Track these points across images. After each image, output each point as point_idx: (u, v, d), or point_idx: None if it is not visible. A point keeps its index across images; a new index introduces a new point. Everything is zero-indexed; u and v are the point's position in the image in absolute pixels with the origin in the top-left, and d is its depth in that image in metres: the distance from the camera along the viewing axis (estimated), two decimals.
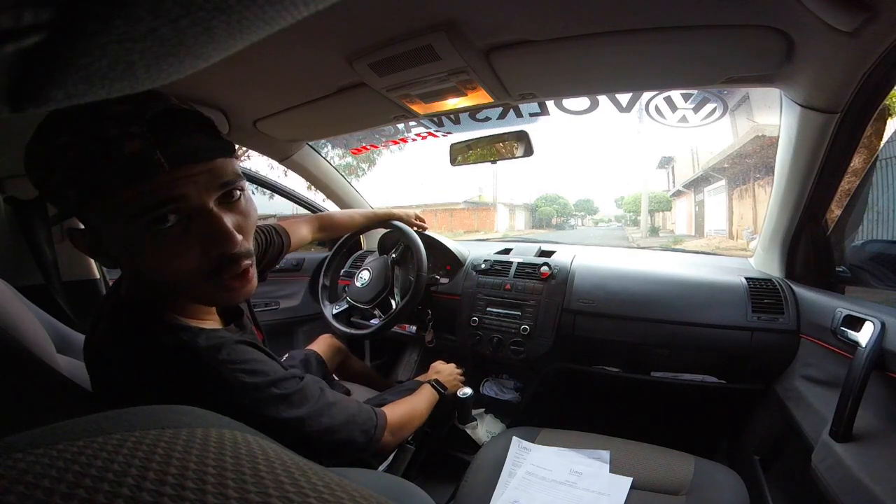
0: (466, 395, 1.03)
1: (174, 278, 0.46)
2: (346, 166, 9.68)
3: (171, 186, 0.41)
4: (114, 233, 0.43)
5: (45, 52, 0.12)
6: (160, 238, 0.43)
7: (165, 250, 0.43)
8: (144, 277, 0.50)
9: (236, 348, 0.51)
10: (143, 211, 0.41)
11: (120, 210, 0.41)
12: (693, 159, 18.35)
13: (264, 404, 0.51)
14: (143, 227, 0.42)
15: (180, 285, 0.47)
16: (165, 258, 0.44)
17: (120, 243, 0.44)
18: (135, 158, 0.39)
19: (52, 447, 0.17)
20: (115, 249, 0.45)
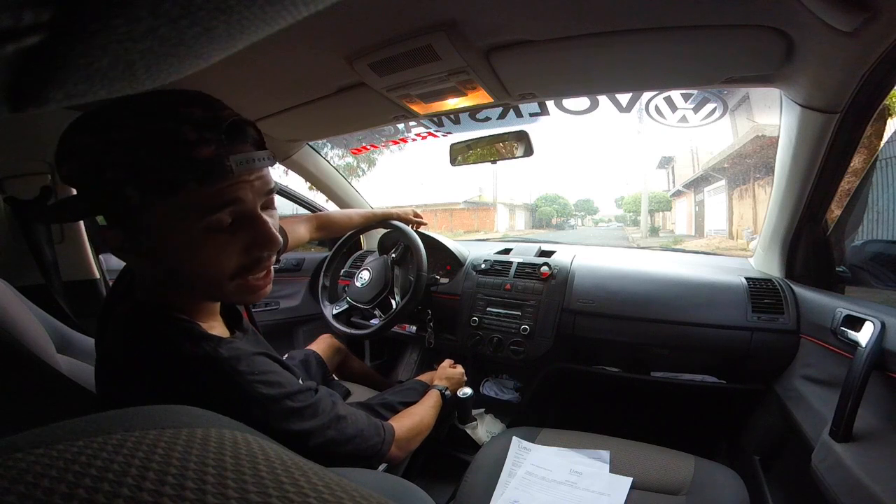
0: (466, 395, 1.03)
1: (212, 278, 0.47)
2: (346, 166, 9.69)
3: (234, 190, 0.45)
4: (169, 232, 0.44)
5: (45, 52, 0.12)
6: (214, 237, 0.45)
7: (216, 249, 0.46)
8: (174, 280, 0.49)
9: (255, 359, 0.52)
10: (209, 210, 0.43)
11: (186, 209, 0.43)
12: (693, 159, 18.35)
13: (277, 416, 0.51)
14: (203, 227, 0.44)
15: (213, 285, 0.48)
16: (214, 256, 0.46)
17: (171, 243, 0.45)
18: (209, 161, 0.42)
19: (52, 447, 0.17)
20: (160, 250, 0.45)
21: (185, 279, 0.48)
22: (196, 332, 0.50)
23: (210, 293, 0.51)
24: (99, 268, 1.23)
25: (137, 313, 0.51)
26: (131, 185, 0.40)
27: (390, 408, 0.83)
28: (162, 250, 0.45)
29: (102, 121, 0.40)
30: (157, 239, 0.45)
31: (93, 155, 0.40)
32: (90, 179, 0.41)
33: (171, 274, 0.48)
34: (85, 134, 0.40)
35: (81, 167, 0.41)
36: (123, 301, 0.54)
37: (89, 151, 0.40)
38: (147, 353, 0.48)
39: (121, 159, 0.39)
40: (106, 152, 0.39)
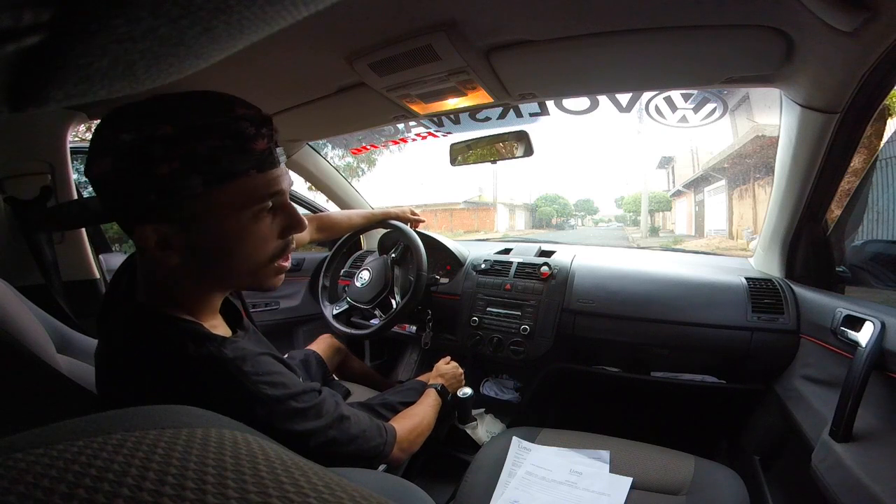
0: (466, 395, 1.03)
1: (256, 261, 0.51)
2: (346, 166, 9.69)
3: (278, 180, 0.50)
4: (223, 219, 0.47)
5: (45, 52, 0.12)
6: (260, 223, 0.50)
7: (261, 234, 0.50)
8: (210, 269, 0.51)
9: (260, 360, 0.52)
10: (260, 198, 0.48)
11: (242, 196, 0.47)
12: (693, 159, 18.34)
13: (281, 417, 0.52)
14: (253, 213, 0.48)
15: (255, 270, 0.52)
16: (260, 241, 0.50)
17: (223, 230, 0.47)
18: (264, 153, 0.47)
19: (52, 447, 0.17)
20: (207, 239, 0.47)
21: (230, 267, 0.50)
22: (200, 332, 0.51)
23: (248, 279, 0.53)
24: (99, 268, 1.23)
25: (140, 314, 0.51)
26: (195, 176, 0.43)
27: (391, 408, 0.83)
28: (213, 238, 0.48)
29: (145, 117, 0.42)
30: (210, 228, 0.47)
31: (140, 150, 0.41)
32: (138, 175, 0.42)
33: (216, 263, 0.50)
34: (126, 131, 0.41)
35: (127, 164, 0.41)
36: (124, 302, 0.54)
37: (135, 147, 0.41)
38: (150, 353, 0.49)
39: (176, 152, 0.41)
40: (156, 147, 0.41)
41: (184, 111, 0.42)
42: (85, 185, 2.31)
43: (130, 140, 0.41)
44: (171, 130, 0.41)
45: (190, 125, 0.42)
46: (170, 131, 0.41)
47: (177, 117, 0.42)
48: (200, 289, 0.53)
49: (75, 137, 1.18)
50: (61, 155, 1.09)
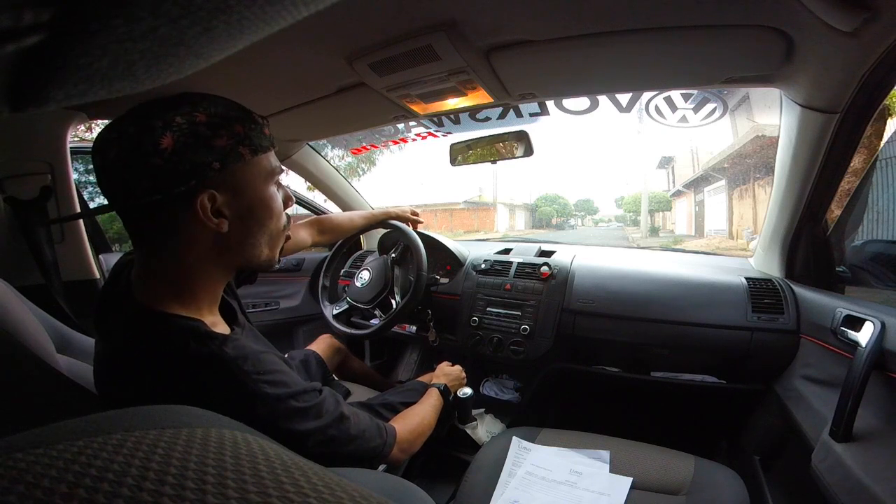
0: (466, 395, 1.03)
1: (280, 226, 0.60)
2: (346, 166, 9.69)
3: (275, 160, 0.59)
4: (259, 186, 0.55)
5: (45, 52, 0.12)
6: (276, 194, 0.58)
7: (278, 203, 0.59)
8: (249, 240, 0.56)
9: (261, 358, 0.53)
10: (274, 172, 0.57)
11: (265, 169, 0.56)
12: (693, 159, 18.32)
13: (282, 415, 0.52)
14: (274, 184, 0.58)
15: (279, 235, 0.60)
16: (278, 208, 0.59)
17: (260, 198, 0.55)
18: (270, 137, 0.57)
19: (52, 447, 0.17)
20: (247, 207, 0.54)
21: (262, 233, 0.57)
22: (201, 330, 0.51)
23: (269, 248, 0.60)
24: (99, 268, 1.23)
25: (140, 314, 0.51)
26: (242, 147, 0.51)
27: (391, 408, 0.83)
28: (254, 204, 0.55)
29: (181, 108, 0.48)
30: (253, 193, 0.54)
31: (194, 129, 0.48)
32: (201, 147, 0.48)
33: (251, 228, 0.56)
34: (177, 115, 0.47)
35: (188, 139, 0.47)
36: (123, 300, 0.54)
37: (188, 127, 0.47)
38: (152, 352, 0.49)
39: (223, 131, 0.50)
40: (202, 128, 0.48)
41: (205, 105, 0.50)
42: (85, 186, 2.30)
43: (183, 122, 0.47)
44: (204, 118, 0.48)
45: (220, 113, 0.50)
46: (204, 119, 0.48)
47: (203, 108, 0.49)
48: (210, 274, 0.55)
49: (75, 137, 1.18)
50: (61, 155, 1.09)
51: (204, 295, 0.55)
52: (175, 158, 0.46)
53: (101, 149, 0.47)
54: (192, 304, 0.53)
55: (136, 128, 0.46)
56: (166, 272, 0.52)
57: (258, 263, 0.59)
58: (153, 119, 0.46)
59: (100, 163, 0.47)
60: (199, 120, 0.48)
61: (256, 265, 0.59)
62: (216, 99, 0.51)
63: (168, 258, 0.52)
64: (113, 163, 0.46)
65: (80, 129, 1.21)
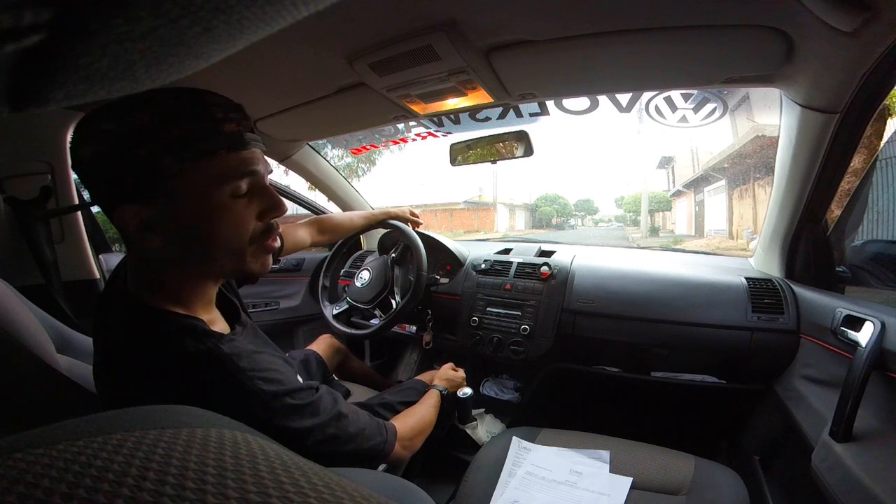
0: (466, 395, 1.03)
1: (237, 242, 0.52)
2: (346, 166, 9.69)
3: (251, 161, 0.51)
4: (202, 196, 0.48)
5: (45, 52, 0.12)
6: (236, 203, 0.51)
7: (238, 214, 0.51)
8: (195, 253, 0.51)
9: (256, 357, 0.53)
10: (233, 176, 0.49)
11: (216, 175, 0.48)
12: (693, 159, 18.32)
13: (278, 413, 0.52)
14: (228, 193, 0.50)
15: (237, 250, 0.53)
16: (238, 220, 0.51)
17: (203, 208, 0.49)
18: (233, 134, 0.49)
19: (52, 447, 0.17)
20: (189, 218, 0.49)
21: (212, 247, 0.51)
22: (199, 329, 0.51)
23: (230, 261, 0.53)
24: (99, 268, 1.23)
25: (137, 312, 0.51)
26: (168, 155, 0.45)
27: (390, 408, 0.83)
28: (192, 217, 0.49)
29: (124, 109, 0.44)
30: (189, 206, 0.48)
31: (119, 136, 0.44)
32: (118, 158, 0.45)
33: (197, 244, 0.50)
34: (106, 121, 0.44)
35: (101, 151, 0.44)
36: (121, 299, 0.54)
37: (115, 134, 0.44)
38: (149, 351, 0.49)
39: (153, 137, 0.45)
40: (134, 133, 0.44)
41: (159, 102, 0.45)
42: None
43: (112, 128, 0.44)
44: (147, 119, 0.44)
45: (164, 113, 0.45)
46: (147, 119, 0.44)
47: (152, 107, 0.45)
48: (187, 277, 0.53)
49: None
50: (61, 155, 1.09)
51: (194, 295, 0.54)
52: (91, 171, 0.45)
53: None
54: (185, 301, 0.53)
55: (76, 133, 0.46)
56: (150, 271, 0.52)
57: (231, 274, 0.56)
58: (84, 127, 0.45)
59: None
60: (135, 122, 0.44)
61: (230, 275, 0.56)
62: (174, 92, 0.47)
63: (143, 258, 0.52)
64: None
65: None
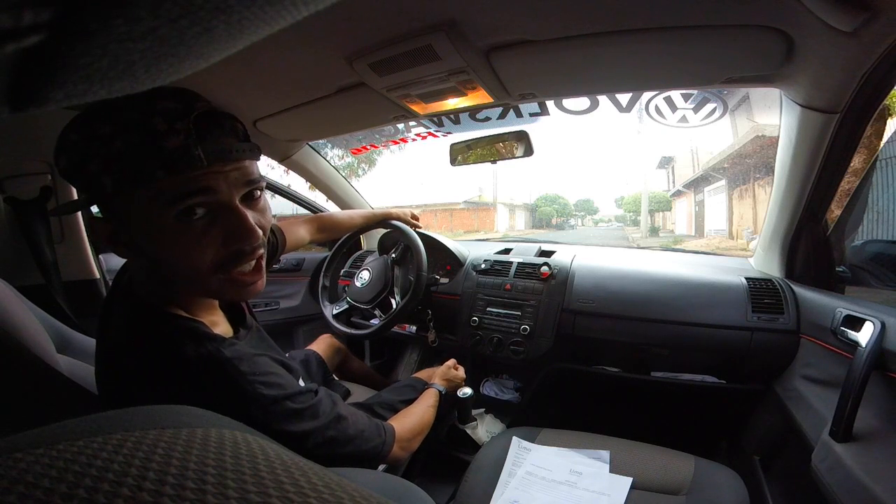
0: (466, 395, 1.03)
1: (190, 269, 0.47)
2: (346, 166, 9.68)
3: (206, 179, 0.44)
4: (144, 221, 0.44)
5: (45, 52, 0.12)
6: (188, 228, 0.45)
7: (191, 240, 0.45)
8: (160, 273, 0.50)
9: (257, 360, 0.53)
10: (178, 199, 0.43)
11: (156, 198, 0.43)
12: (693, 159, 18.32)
13: (277, 417, 0.52)
14: (174, 217, 0.44)
15: (194, 278, 0.48)
16: (190, 247, 0.46)
17: (147, 232, 0.45)
18: (177, 151, 0.42)
19: (52, 447, 0.17)
20: (139, 239, 0.46)
21: (165, 271, 0.49)
22: (200, 332, 0.51)
23: (192, 287, 0.50)
24: (99, 268, 1.23)
25: (140, 313, 0.51)
26: (106, 176, 0.41)
27: (390, 407, 0.83)
28: (141, 240, 0.46)
29: (88, 117, 0.42)
30: (135, 228, 0.45)
31: (77, 149, 0.42)
32: (76, 173, 0.43)
33: (155, 265, 0.49)
34: (73, 131, 0.42)
35: (69, 162, 0.43)
36: (124, 299, 0.54)
37: (75, 147, 0.42)
38: (150, 353, 0.49)
39: (98, 152, 0.41)
40: (87, 146, 0.41)
41: (112, 109, 0.41)
42: None
43: (75, 139, 0.42)
44: (97, 130, 0.41)
45: (112, 123, 0.41)
46: (97, 131, 0.41)
47: (112, 114, 0.41)
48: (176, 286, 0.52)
49: None
50: None
51: (195, 299, 0.54)
52: (66, 177, 0.44)
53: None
54: (187, 305, 0.53)
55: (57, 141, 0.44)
56: (151, 275, 0.52)
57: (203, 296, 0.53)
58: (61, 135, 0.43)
59: None
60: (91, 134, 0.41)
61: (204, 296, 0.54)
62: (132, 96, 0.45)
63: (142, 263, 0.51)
64: None
65: None
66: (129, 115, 0.41)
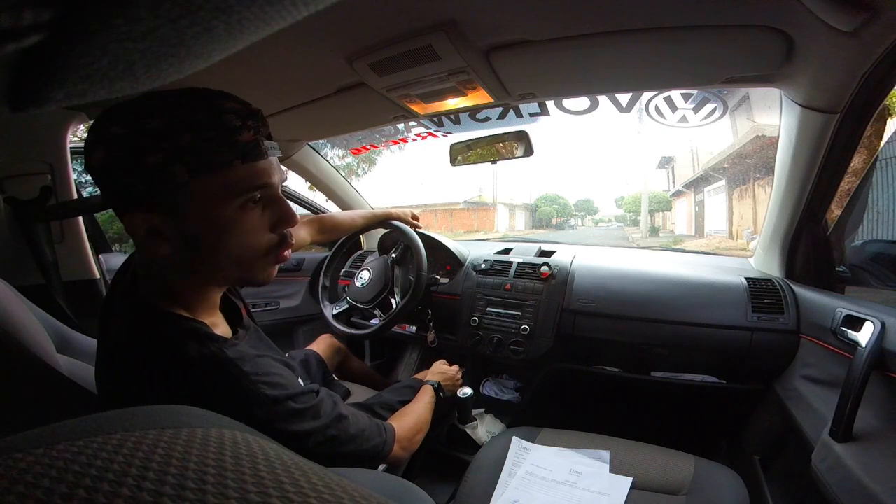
0: (466, 395, 1.03)
1: (250, 252, 0.52)
2: (346, 166, 9.69)
3: (267, 172, 0.50)
4: (209, 210, 0.47)
5: (45, 51, 0.12)
6: (247, 216, 0.50)
7: (249, 226, 0.50)
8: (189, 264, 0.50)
9: (258, 361, 0.53)
10: (246, 189, 0.48)
11: (227, 186, 0.47)
12: (693, 159, 18.32)
13: (280, 417, 0.52)
14: (239, 205, 0.49)
15: (250, 261, 0.52)
16: (249, 233, 0.51)
17: (210, 220, 0.48)
18: (250, 144, 0.47)
19: (52, 447, 0.17)
20: (197, 228, 0.48)
21: (220, 258, 0.51)
22: (202, 332, 0.51)
23: (239, 270, 0.53)
24: (99, 268, 1.23)
25: (142, 312, 0.51)
26: (178, 165, 0.44)
27: (389, 407, 0.83)
28: (201, 229, 0.48)
29: (135, 112, 0.43)
30: (194, 218, 0.47)
31: (126, 143, 0.43)
32: (128, 165, 0.43)
33: (206, 253, 0.50)
34: (117, 125, 0.43)
35: (111, 155, 0.43)
36: (126, 299, 0.54)
37: (122, 140, 0.43)
38: (152, 353, 0.49)
39: (159, 145, 0.43)
40: (138, 140, 0.43)
41: (172, 106, 0.44)
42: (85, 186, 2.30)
43: (122, 133, 0.43)
44: (159, 124, 0.43)
45: (177, 118, 0.43)
46: (158, 125, 0.43)
47: (165, 112, 0.43)
48: (194, 283, 0.53)
49: (75, 137, 1.18)
50: (61, 155, 1.09)
51: (199, 298, 0.55)
52: (104, 176, 0.45)
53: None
54: (189, 303, 0.54)
55: (89, 135, 0.45)
56: (157, 273, 0.52)
57: (237, 282, 0.55)
58: (96, 129, 0.44)
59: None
60: (146, 128, 0.43)
61: (237, 283, 0.56)
62: (190, 96, 0.45)
63: (148, 257, 0.52)
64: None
65: (80, 129, 1.21)
66: (188, 113, 0.44)
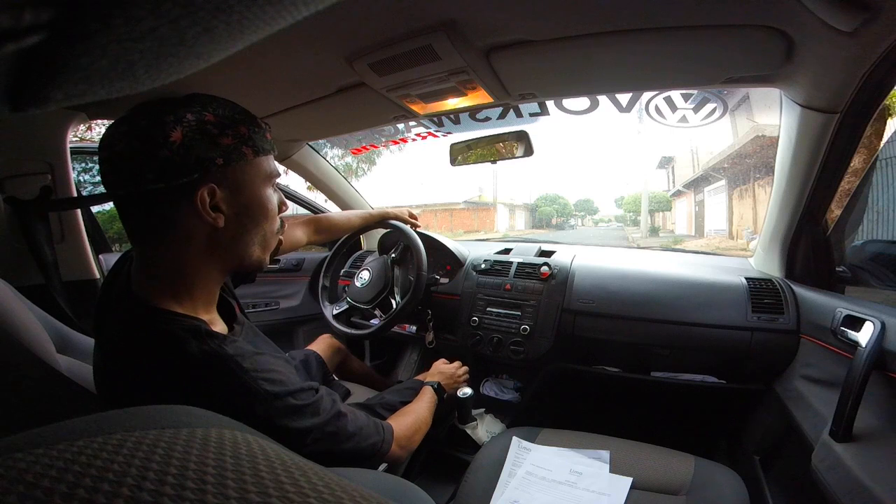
0: (466, 395, 1.03)
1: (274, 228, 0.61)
2: (346, 166, 9.69)
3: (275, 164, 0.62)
4: (256, 188, 0.57)
5: (45, 51, 0.12)
6: (274, 195, 0.61)
7: (274, 204, 0.61)
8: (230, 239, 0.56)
9: (258, 358, 0.53)
10: (275, 174, 0.61)
11: (263, 171, 0.58)
12: (693, 159, 18.34)
13: (279, 413, 0.52)
14: (271, 187, 0.60)
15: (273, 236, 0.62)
16: (274, 210, 0.61)
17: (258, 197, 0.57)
18: (270, 142, 0.60)
19: (52, 447, 0.17)
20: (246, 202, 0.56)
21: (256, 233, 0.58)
22: (202, 329, 0.51)
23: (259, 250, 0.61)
24: (99, 268, 1.23)
25: (140, 311, 0.51)
26: (246, 147, 0.54)
27: (389, 407, 0.83)
28: (251, 202, 0.56)
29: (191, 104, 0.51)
30: (251, 192, 0.56)
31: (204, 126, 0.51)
32: (208, 143, 0.51)
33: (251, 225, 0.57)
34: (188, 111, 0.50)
35: (196, 136, 0.50)
36: (123, 299, 0.54)
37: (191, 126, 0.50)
38: (152, 351, 0.49)
39: (225, 131, 0.52)
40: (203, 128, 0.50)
41: (216, 104, 0.53)
42: (84, 186, 2.30)
43: (193, 119, 0.50)
44: (213, 116, 0.51)
45: (227, 115, 0.53)
46: (223, 113, 0.52)
47: (219, 107, 0.53)
48: (205, 273, 0.55)
49: (75, 137, 1.18)
50: (61, 155, 1.09)
51: (200, 293, 0.55)
52: (182, 151, 0.49)
53: (110, 142, 0.48)
54: (189, 301, 0.54)
55: (147, 121, 0.48)
56: (163, 268, 0.53)
57: (249, 263, 0.60)
58: (165, 114, 0.49)
59: (106, 155, 0.48)
60: (207, 119, 0.51)
61: (248, 265, 0.60)
62: (224, 102, 0.55)
63: (164, 253, 0.52)
64: (120, 154, 0.47)
65: (80, 129, 1.21)
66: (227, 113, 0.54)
